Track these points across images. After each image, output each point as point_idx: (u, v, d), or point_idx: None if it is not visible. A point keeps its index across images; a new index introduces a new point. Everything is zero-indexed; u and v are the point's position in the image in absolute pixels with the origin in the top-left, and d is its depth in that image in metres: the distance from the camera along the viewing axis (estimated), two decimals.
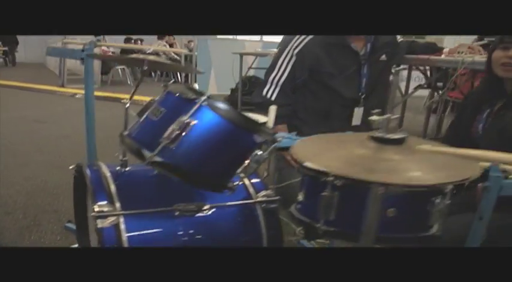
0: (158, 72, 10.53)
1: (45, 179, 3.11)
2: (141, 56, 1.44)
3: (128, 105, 1.31)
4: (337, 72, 2.02)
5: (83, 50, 1.99)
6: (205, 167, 1.07)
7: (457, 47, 2.29)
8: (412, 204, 0.87)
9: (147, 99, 1.20)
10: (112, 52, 9.67)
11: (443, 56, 2.30)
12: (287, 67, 2.04)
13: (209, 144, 1.06)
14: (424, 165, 0.89)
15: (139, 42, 11.00)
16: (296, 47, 2.03)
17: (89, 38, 2.29)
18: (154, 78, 10.57)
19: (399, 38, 2.35)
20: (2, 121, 4.78)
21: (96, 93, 2.18)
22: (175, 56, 9.76)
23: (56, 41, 9.02)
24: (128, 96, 1.36)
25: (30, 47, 15.45)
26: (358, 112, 2.09)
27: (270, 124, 1.30)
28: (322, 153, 0.98)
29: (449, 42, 3.33)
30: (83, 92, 2.02)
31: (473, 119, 1.77)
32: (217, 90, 7.67)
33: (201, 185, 1.11)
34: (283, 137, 1.29)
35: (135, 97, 1.37)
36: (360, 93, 2.07)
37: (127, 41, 11.64)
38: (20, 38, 14.15)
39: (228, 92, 6.75)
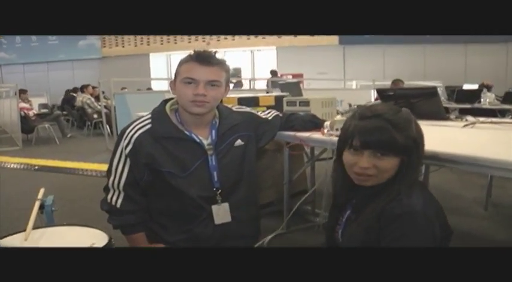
0: (88, 124, 10.10)
1: None
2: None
3: None
4: (179, 170, 1.70)
5: None
6: None
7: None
8: None
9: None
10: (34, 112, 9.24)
11: (321, 134, 1.99)
12: (124, 170, 1.73)
13: None
14: None
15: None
16: (126, 145, 1.71)
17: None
18: (84, 132, 10.14)
19: (268, 112, 2.07)
20: None
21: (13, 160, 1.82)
22: (99, 107, 9.40)
23: None
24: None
25: None
26: (219, 210, 1.77)
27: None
28: None
29: None
30: None
31: (336, 223, 1.50)
32: None
33: None
34: None
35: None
36: (214, 189, 1.74)
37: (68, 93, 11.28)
38: None
39: None
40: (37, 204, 1.72)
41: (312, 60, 13.82)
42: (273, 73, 11.68)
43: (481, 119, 2.45)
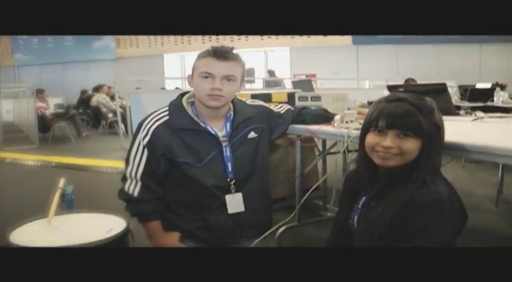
0: (103, 123, 10.23)
1: None
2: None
3: None
4: (194, 161, 1.77)
5: None
6: None
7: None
8: None
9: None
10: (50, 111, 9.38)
11: (331, 127, 2.05)
12: (141, 160, 1.81)
13: None
14: None
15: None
16: (144, 137, 1.78)
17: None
18: (99, 131, 10.28)
19: (280, 106, 2.12)
20: None
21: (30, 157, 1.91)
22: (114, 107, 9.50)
23: None
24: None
25: None
26: (233, 199, 1.84)
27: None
28: None
29: None
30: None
31: (350, 208, 1.55)
32: None
33: None
34: None
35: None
36: (228, 180, 1.81)
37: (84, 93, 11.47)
38: None
39: None
40: (58, 192, 1.79)
41: (325, 60, 13.81)
42: (271, 73, 11.74)
43: (491, 114, 2.49)
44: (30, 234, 1.49)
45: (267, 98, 2.93)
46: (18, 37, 16.44)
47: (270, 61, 15.61)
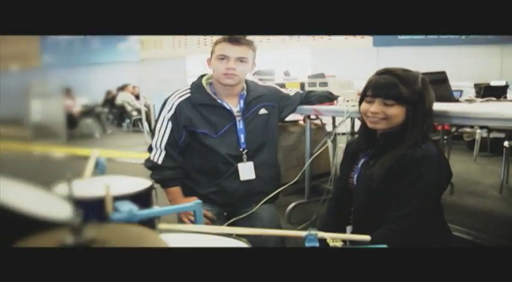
0: (128, 121, 10.55)
1: None
2: None
3: None
4: (211, 132, 2.02)
5: None
6: None
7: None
8: None
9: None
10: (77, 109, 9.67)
11: (333, 106, 2.29)
12: (165, 131, 2.06)
13: None
14: None
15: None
16: (169, 111, 2.04)
17: None
18: (124, 129, 10.59)
19: (290, 90, 2.36)
20: None
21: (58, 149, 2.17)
22: (138, 105, 9.81)
23: None
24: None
25: None
26: (245, 167, 2.08)
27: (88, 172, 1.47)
28: None
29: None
30: None
31: (350, 169, 1.78)
32: None
33: None
34: None
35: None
36: (241, 149, 2.05)
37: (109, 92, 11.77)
38: None
39: None
40: (93, 159, 2.04)
41: (345, 62, 13.90)
42: (286, 74, 11.89)
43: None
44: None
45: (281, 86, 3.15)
46: (47, 39, 16.98)
47: (290, 63, 15.78)
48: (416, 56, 13.60)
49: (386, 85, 1.60)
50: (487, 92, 6.55)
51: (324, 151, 3.43)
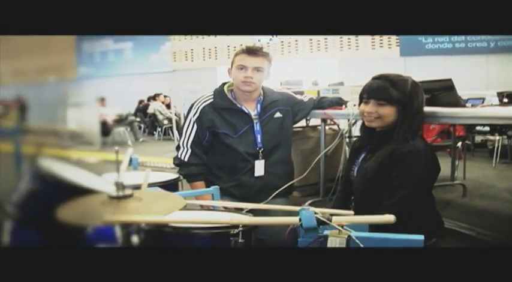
0: (159, 130, 10.93)
1: None
2: None
3: None
4: (232, 132, 2.28)
5: None
6: None
7: None
8: None
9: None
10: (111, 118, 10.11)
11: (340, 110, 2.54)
12: (191, 132, 2.32)
13: None
14: None
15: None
16: (194, 114, 2.30)
17: None
18: (155, 137, 10.96)
19: (305, 96, 2.60)
20: None
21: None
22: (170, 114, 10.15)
23: None
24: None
25: None
26: (259, 164, 2.32)
27: (124, 166, 1.73)
28: None
29: None
30: None
31: (353, 163, 2.02)
32: None
33: None
34: None
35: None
36: (257, 148, 2.30)
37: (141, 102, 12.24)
38: None
39: None
40: (127, 157, 2.33)
41: (373, 72, 13.89)
42: (314, 83, 12.07)
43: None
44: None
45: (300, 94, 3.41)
46: (83, 52, 17.61)
47: (319, 73, 15.96)
48: (444, 65, 13.61)
49: (378, 88, 1.87)
50: (510, 99, 6.64)
51: (340, 156, 3.65)
